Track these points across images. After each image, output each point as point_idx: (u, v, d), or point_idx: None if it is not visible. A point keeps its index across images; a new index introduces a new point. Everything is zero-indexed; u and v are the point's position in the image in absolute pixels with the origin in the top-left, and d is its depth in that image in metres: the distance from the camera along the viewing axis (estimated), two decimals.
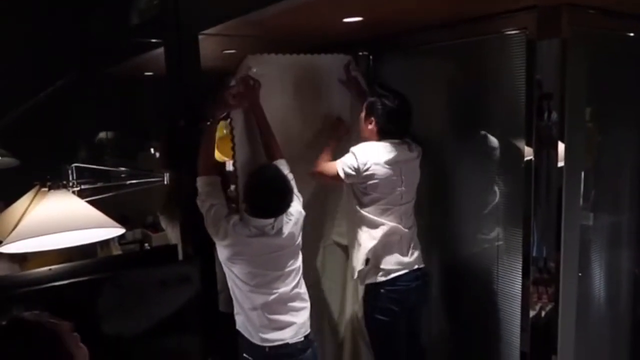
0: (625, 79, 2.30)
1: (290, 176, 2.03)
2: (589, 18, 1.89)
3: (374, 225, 2.18)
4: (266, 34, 2.30)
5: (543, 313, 1.95)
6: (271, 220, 1.93)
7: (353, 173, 2.13)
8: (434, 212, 2.22)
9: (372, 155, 2.13)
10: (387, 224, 2.17)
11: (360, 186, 2.18)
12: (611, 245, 2.37)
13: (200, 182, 1.98)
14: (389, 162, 2.13)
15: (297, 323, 2.01)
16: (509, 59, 1.93)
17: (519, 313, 2.03)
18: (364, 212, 2.19)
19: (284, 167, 2.05)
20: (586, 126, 2.15)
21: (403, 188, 2.18)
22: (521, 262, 2.00)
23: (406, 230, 2.21)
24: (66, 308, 1.89)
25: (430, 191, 2.33)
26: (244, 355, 2.02)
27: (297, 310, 2.02)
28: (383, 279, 2.19)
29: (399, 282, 2.20)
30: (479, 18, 1.98)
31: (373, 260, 2.20)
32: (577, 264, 2.05)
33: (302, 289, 2.07)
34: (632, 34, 2.22)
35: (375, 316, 2.23)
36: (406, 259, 2.22)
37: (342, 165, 2.14)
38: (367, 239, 2.20)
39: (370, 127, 2.19)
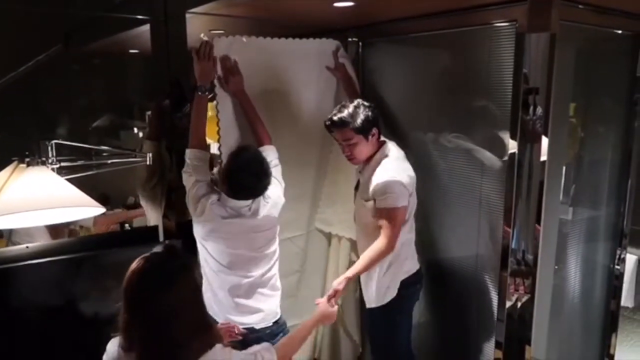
0: (609, 76, 2.32)
1: (274, 162, 2.01)
2: (578, 14, 1.90)
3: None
4: (255, 15, 2.26)
5: (519, 304, 1.98)
6: (248, 202, 1.91)
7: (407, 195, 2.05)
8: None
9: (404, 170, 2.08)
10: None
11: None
12: (588, 239, 2.42)
13: (190, 154, 1.93)
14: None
15: (264, 311, 1.97)
16: (498, 51, 1.93)
17: (496, 304, 2.06)
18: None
19: (271, 153, 2.03)
20: (569, 121, 2.17)
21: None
22: (500, 254, 2.03)
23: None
24: (44, 286, 1.89)
25: None
26: None
27: (266, 296, 1.99)
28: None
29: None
30: (469, 8, 1.98)
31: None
32: (554, 257, 2.09)
33: (275, 276, 2.03)
34: (619, 31, 2.24)
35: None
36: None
37: (397, 202, 2.00)
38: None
39: (374, 139, 2.10)
